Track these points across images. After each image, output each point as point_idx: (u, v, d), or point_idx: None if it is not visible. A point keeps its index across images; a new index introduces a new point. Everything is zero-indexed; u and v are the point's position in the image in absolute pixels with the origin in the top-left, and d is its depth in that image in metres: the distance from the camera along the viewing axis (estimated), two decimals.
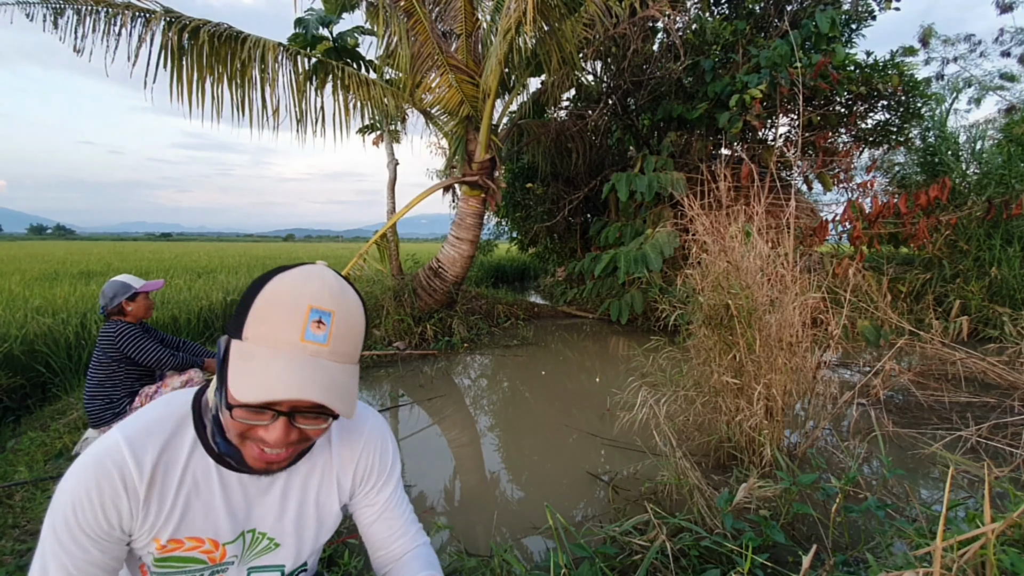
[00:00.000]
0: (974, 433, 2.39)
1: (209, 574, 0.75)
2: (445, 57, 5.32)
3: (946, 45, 12.35)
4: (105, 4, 4.02)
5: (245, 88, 4.56)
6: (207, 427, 0.72)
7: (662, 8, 5.77)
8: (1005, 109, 11.28)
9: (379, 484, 0.87)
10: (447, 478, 2.58)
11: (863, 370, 3.96)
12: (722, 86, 6.05)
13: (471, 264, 6.20)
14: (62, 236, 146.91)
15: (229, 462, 0.73)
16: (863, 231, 5.65)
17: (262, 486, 0.77)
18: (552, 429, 3.21)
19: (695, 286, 2.67)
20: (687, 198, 2.99)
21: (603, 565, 1.54)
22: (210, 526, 0.73)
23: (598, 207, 8.79)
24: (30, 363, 3.73)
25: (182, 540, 0.71)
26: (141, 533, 0.69)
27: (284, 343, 0.62)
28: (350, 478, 0.85)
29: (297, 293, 0.63)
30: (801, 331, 2.42)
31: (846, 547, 1.71)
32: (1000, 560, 1.07)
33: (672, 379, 2.74)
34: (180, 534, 0.71)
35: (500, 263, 13.35)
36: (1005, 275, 5.39)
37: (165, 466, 0.69)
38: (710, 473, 2.36)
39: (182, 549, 0.71)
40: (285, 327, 0.62)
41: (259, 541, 0.78)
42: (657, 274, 5.44)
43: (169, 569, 0.72)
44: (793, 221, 2.73)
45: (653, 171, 6.17)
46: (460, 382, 4.42)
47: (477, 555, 1.84)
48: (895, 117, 6.63)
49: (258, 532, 0.78)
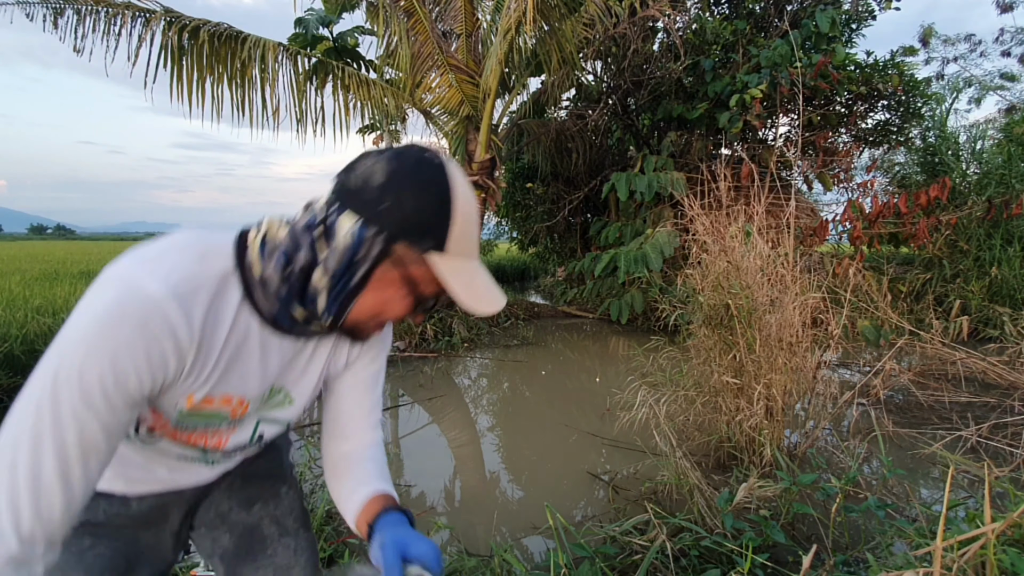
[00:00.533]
0: (974, 433, 2.39)
1: (227, 426, 0.74)
2: (445, 57, 5.32)
3: (946, 45, 12.34)
4: (105, 4, 4.02)
5: (245, 88, 4.56)
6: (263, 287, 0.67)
7: (662, 8, 5.77)
8: (1005, 109, 11.27)
9: (373, 355, 0.87)
10: (447, 478, 2.58)
11: (863, 370, 3.96)
12: (722, 86, 6.05)
13: None
14: (62, 236, 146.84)
15: (281, 325, 0.70)
16: (863, 231, 5.65)
17: (298, 347, 0.76)
18: (552, 429, 3.21)
19: (695, 286, 2.67)
20: (687, 198, 2.99)
21: (603, 565, 1.54)
22: (243, 385, 0.71)
23: (598, 207, 8.78)
24: (30, 363, 3.73)
25: (213, 398, 0.69)
26: (177, 392, 0.65)
27: (474, 254, 0.67)
28: (358, 345, 0.85)
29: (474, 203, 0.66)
30: (801, 331, 2.42)
31: (846, 547, 1.71)
32: (1000, 560, 1.07)
33: (672, 379, 2.74)
34: (214, 393, 0.68)
35: (500, 263, 13.35)
36: (1005, 275, 5.39)
37: (212, 326, 0.64)
38: (710, 473, 2.36)
39: (211, 406, 0.69)
40: (474, 240, 0.66)
41: (277, 395, 0.78)
42: (657, 274, 5.44)
43: (189, 422, 0.70)
44: (793, 221, 2.73)
45: (653, 171, 6.17)
46: (460, 382, 4.42)
47: (477, 555, 1.84)
48: (895, 117, 6.63)
49: (282, 389, 0.77)
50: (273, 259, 0.65)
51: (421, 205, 0.62)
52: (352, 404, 0.86)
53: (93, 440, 0.56)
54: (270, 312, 0.68)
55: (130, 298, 0.56)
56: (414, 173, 0.62)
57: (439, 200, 0.62)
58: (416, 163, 0.63)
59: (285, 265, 0.65)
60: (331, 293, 0.65)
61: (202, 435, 0.74)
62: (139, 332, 0.56)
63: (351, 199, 0.63)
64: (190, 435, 0.73)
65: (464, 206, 0.63)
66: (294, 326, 0.70)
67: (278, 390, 0.77)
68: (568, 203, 8.37)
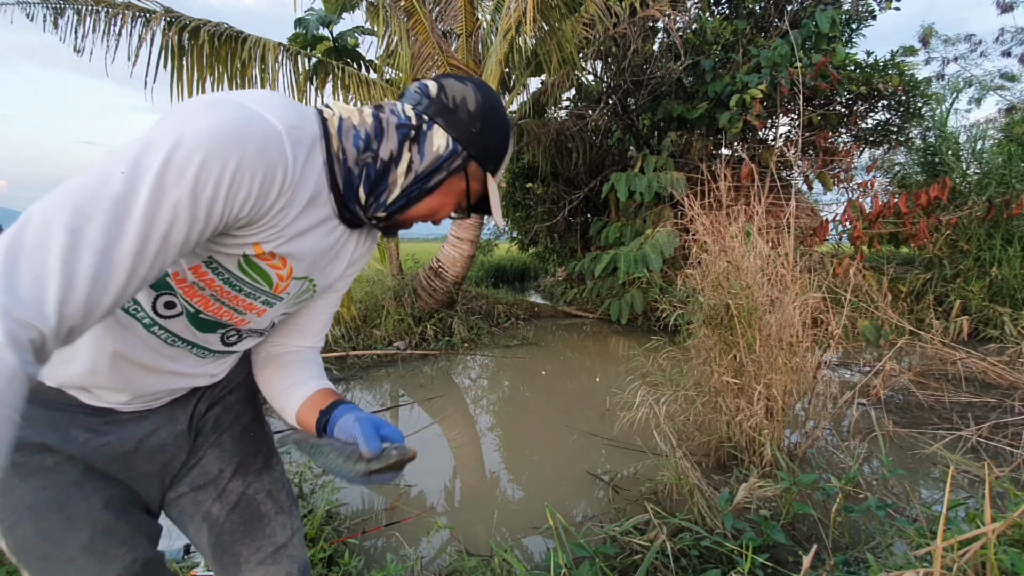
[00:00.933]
0: (974, 433, 2.39)
1: (263, 300, 0.74)
2: (445, 57, 5.32)
3: (946, 45, 12.32)
4: (105, 4, 4.02)
5: (245, 88, 4.56)
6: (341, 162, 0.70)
7: (662, 8, 5.76)
8: (1006, 109, 11.26)
9: (356, 270, 0.90)
10: (447, 478, 2.58)
11: (863, 370, 3.96)
12: (722, 86, 6.04)
13: (471, 264, 6.21)
14: None
15: (345, 205, 0.73)
16: (863, 231, 5.65)
17: (335, 237, 0.77)
18: (552, 429, 3.21)
19: (695, 286, 2.67)
20: (687, 198, 2.98)
21: (603, 565, 1.54)
22: (299, 253, 0.71)
23: (598, 207, 8.78)
24: None
25: (276, 254, 0.68)
26: (257, 230, 0.63)
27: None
28: (358, 259, 0.89)
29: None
30: (801, 331, 2.42)
31: (846, 547, 1.71)
32: (1000, 560, 1.07)
33: (672, 379, 2.74)
34: (279, 250, 0.68)
35: (500, 263, 13.34)
36: (1005, 275, 5.38)
37: (304, 178, 0.65)
38: (710, 473, 2.36)
39: (269, 263, 0.69)
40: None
41: (306, 281, 0.78)
42: (657, 274, 5.43)
43: (243, 279, 0.69)
44: (793, 221, 2.73)
45: (653, 171, 6.17)
46: (460, 382, 4.42)
47: (477, 555, 1.84)
48: (895, 117, 6.63)
49: (312, 276, 0.78)
50: (350, 139, 0.71)
51: (499, 137, 0.78)
52: (321, 308, 0.90)
53: (173, 242, 0.53)
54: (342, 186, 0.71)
55: (255, 121, 0.57)
56: (497, 107, 0.77)
57: (507, 135, 0.80)
58: (497, 100, 0.78)
59: (364, 148, 0.71)
60: (407, 190, 0.74)
61: (238, 302, 0.72)
62: (260, 153, 0.57)
63: (445, 116, 0.73)
64: (234, 297, 0.71)
65: (504, 140, 0.80)
66: (353, 210, 0.74)
67: (309, 281, 0.78)
68: (568, 203, 8.37)
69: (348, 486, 2.28)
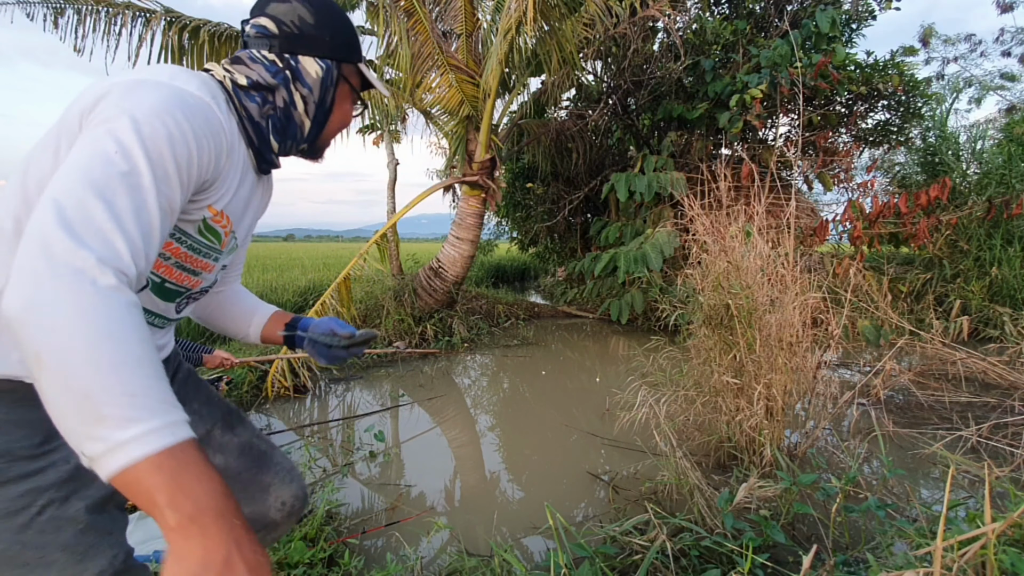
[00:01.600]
0: (974, 433, 2.39)
1: (214, 257, 0.81)
2: (445, 57, 5.32)
3: (946, 45, 12.33)
4: (105, 4, 4.02)
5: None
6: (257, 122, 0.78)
7: (662, 8, 5.76)
8: (1006, 109, 11.28)
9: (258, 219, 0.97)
10: (447, 478, 2.58)
11: (863, 370, 3.96)
12: (722, 86, 6.04)
13: (471, 264, 6.20)
14: None
15: (264, 157, 0.81)
16: (863, 231, 5.65)
17: (251, 188, 0.84)
18: (552, 429, 3.21)
19: (695, 286, 2.67)
20: (687, 198, 2.98)
21: (603, 565, 1.54)
22: (235, 207, 0.79)
23: (598, 207, 8.78)
24: None
25: (223, 213, 0.76)
26: (212, 192, 0.71)
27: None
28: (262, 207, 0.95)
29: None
30: (801, 331, 2.42)
31: (846, 547, 1.71)
32: (1000, 560, 1.07)
33: (672, 379, 2.74)
34: (228, 208, 0.77)
35: (500, 263, 13.34)
36: (1005, 275, 5.38)
37: (234, 140, 0.73)
38: (710, 473, 2.36)
39: (220, 223, 0.77)
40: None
41: (232, 235, 0.84)
42: (657, 274, 5.43)
43: (203, 242, 0.76)
44: (793, 221, 2.73)
45: (653, 171, 6.17)
46: (460, 382, 4.42)
47: (477, 555, 1.84)
48: (895, 117, 6.63)
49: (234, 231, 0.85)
50: (247, 97, 0.76)
51: (344, 27, 0.82)
52: (240, 253, 1.00)
53: (173, 202, 0.61)
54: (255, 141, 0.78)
55: (186, 96, 0.63)
56: (328, 5, 0.80)
57: (347, 20, 0.83)
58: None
59: (263, 103, 0.78)
60: (315, 119, 0.83)
61: (197, 263, 0.79)
62: (205, 124, 0.64)
63: (299, 43, 0.78)
64: (196, 260, 0.78)
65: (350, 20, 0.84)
66: (270, 158, 0.82)
67: (235, 229, 0.85)
68: (568, 203, 8.37)
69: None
